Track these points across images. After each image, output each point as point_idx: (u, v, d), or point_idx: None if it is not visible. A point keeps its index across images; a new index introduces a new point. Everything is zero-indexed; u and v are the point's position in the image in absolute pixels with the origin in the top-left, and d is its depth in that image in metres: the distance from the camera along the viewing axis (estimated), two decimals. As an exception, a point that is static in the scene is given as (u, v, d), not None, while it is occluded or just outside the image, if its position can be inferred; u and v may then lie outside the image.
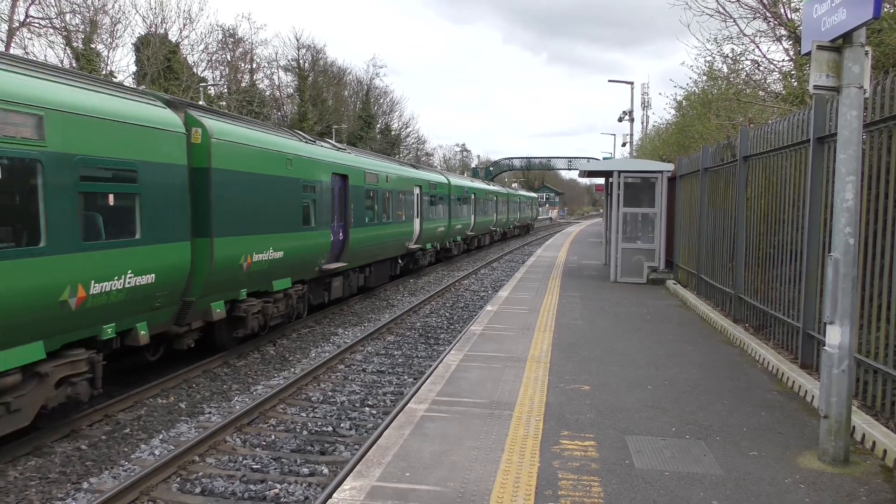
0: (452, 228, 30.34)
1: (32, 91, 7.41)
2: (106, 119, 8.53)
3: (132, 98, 9.54)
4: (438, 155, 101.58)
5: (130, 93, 9.84)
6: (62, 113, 7.74)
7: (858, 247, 5.84)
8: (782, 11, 15.31)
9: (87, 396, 8.43)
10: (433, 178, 27.45)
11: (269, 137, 13.07)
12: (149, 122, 9.45)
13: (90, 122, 8.22)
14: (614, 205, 17.80)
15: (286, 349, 13.25)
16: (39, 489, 6.87)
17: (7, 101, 7.01)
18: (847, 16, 5.13)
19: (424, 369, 11.65)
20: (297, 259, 13.98)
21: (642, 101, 49.42)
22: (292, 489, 6.92)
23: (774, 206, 9.55)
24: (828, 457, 5.46)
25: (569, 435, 6.06)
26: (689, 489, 4.96)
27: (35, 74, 7.74)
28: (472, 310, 18.10)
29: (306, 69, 58.62)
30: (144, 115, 9.43)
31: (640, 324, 11.64)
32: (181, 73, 39.99)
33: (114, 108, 8.81)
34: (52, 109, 7.59)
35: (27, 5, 32.33)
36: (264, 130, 13.30)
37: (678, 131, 27.52)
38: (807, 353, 8.10)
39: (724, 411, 6.81)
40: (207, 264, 10.71)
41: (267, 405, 9.41)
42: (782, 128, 9.25)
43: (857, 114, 5.37)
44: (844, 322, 5.37)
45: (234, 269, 11.51)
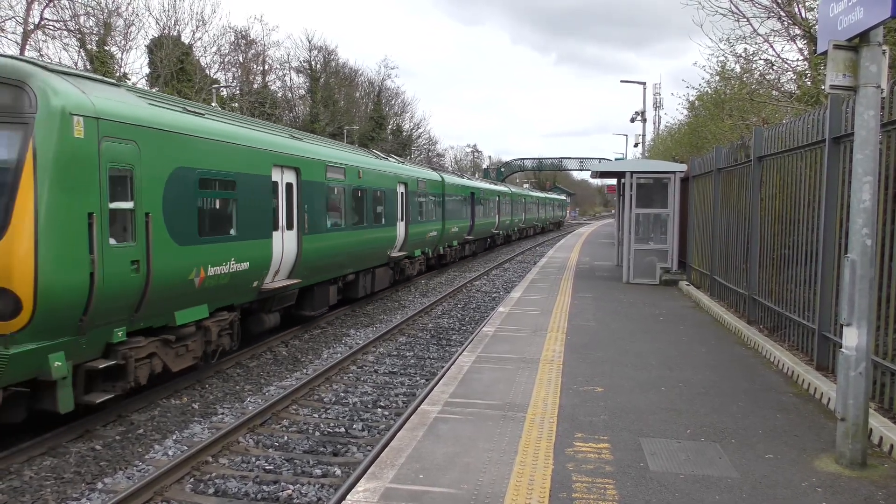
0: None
1: None
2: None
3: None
4: (450, 155, 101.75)
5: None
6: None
7: (876, 247, 5.78)
8: (796, 10, 15.21)
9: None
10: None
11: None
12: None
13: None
14: (626, 205, 17.73)
15: (298, 350, 13.28)
16: (54, 489, 6.91)
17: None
18: (864, 14, 5.08)
19: (437, 370, 11.64)
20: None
21: (654, 102, 49.26)
22: (305, 490, 6.93)
23: (789, 206, 9.48)
24: (845, 460, 5.41)
25: (583, 437, 6.04)
26: (705, 492, 4.93)
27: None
28: (484, 311, 18.08)
29: (318, 70, 58.84)
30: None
31: (653, 325, 11.58)
32: (194, 74, 40.23)
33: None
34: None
35: (42, 8, 32.68)
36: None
37: (691, 131, 27.42)
38: (822, 355, 8.03)
39: (739, 413, 6.76)
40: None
41: (279, 406, 9.43)
42: (797, 128, 9.18)
43: (875, 113, 5.32)
44: (861, 324, 5.32)
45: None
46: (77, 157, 7.73)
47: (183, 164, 9.72)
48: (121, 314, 8.58)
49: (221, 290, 10.82)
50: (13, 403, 7.50)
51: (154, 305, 9.11)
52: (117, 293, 8.34)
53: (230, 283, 10.98)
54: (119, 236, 8.44)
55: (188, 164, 9.85)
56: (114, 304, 8.32)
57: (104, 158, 8.11)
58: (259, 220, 11.88)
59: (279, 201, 12.82)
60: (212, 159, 10.48)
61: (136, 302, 8.73)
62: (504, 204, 42.10)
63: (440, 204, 26.20)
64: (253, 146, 11.82)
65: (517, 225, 48.45)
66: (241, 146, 11.41)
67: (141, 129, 8.82)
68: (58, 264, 7.46)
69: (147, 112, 9.17)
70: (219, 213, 11.07)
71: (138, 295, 8.74)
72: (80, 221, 7.75)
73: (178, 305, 9.77)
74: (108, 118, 8.20)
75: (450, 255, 29.06)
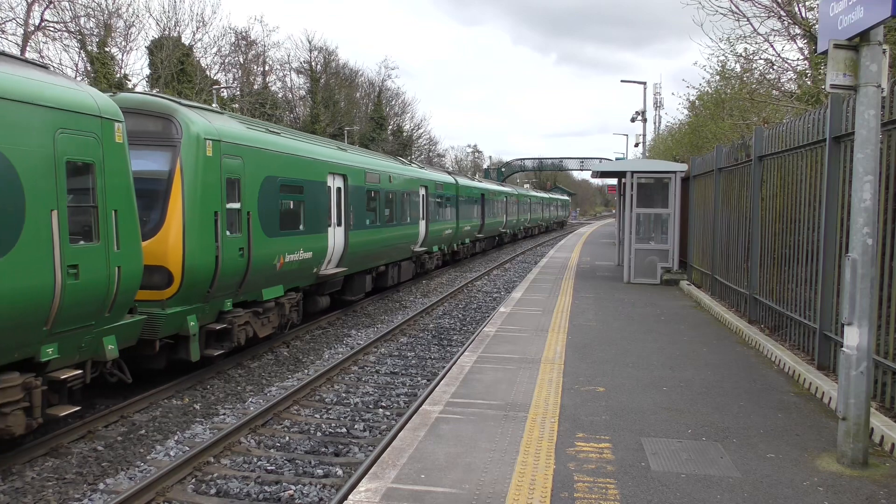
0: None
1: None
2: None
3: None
4: (450, 156, 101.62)
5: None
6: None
7: (876, 247, 5.79)
8: (797, 10, 15.21)
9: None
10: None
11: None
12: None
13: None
14: (627, 205, 17.74)
15: (299, 350, 13.29)
16: (56, 489, 6.92)
17: None
18: (864, 14, 5.08)
19: (438, 371, 11.65)
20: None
21: (655, 102, 49.24)
22: (307, 490, 6.93)
23: (790, 205, 9.48)
24: (846, 459, 5.41)
25: (584, 437, 6.04)
26: (706, 492, 4.93)
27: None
28: (485, 311, 18.08)
29: (318, 71, 58.81)
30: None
31: (655, 325, 11.59)
32: (194, 75, 40.23)
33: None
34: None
35: (42, 9, 32.67)
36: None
37: (691, 131, 27.42)
38: (824, 355, 8.03)
39: (741, 413, 6.76)
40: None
41: (281, 406, 9.44)
42: (797, 127, 9.18)
43: (875, 113, 5.32)
44: (863, 323, 5.32)
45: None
46: (207, 170, 10.34)
47: (270, 174, 12.34)
48: (231, 289, 11.22)
49: (292, 274, 13.37)
50: (159, 354, 9.98)
51: (251, 284, 11.76)
52: (231, 272, 10.98)
53: (299, 268, 13.57)
54: (232, 229, 11.03)
55: (273, 173, 12.46)
56: (228, 280, 10.98)
57: (223, 171, 10.75)
58: (319, 217, 14.51)
59: (332, 203, 15.34)
60: (288, 169, 13.11)
61: (240, 280, 11.35)
62: (511, 204, 44.31)
63: (454, 205, 28.61)
64: (314, 157, 14.46)
65: (523, 224, 50.58)
66: (307, 158, 14.05)
67: (244, 147, 11.51)
68: (197, 249, 10.05)
69: (246, 134, 11.86)
70: (292, 211, 13.49)
71: (242, 274, 11.37)
72: (209, 218, 10.37)
73: (264, 284, 12.34)
74: (225, 140, 10.87)
75: (462, 252, 31.53)
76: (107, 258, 8.09)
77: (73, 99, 7.76)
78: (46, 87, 7.43)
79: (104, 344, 8.30)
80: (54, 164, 7.33)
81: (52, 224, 7.24)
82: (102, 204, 8.06)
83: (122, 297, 8.38)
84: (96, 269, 7.91)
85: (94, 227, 7.97)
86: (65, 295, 7.40)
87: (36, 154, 7.13)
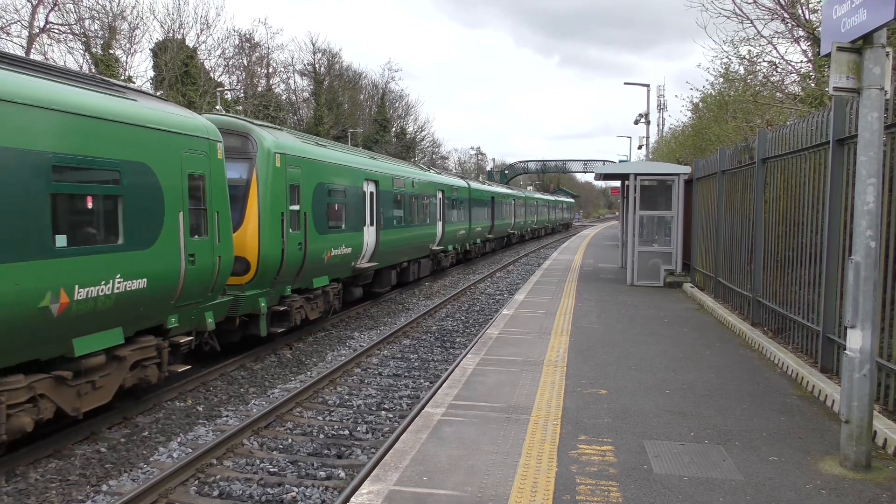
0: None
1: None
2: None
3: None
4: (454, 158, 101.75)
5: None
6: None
7: (880, 249, 5.78)
8: (800, 12, 15.20)
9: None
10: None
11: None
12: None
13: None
14: (630, 208, 17.72)
15: (302, 353, 13.30)
16: (60, 491, 6.93)
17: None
18: (867, 17, 5.08)
19: (441, 373, 11.65)
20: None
21: (658, 104, 49.14)
22: (309, 493, 6.94)
23: (793, 208, 9.47)
24: (849, 462, 5.40)
25: (586, 439, 6.04)
26: (709, 494, 4.93)
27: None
28: (488, 313, 18.08)
29: (322, 73, 58.93)
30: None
31: (658, 327, 11.57)
32: (198, 77, 40.31)
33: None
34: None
35: (47, 12, 32.79)
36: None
37: (694, 133, 27.40)
38: (827, 357, 8.01)
39: (744, 416, 6.75)
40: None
41: (284, 408, 9.45)
42: (801, 130, 9.17)
43: (878, 115, 5.32)
44: (866, 326, 5.31)
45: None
46: (276, 178, 12.52)
47: (320, 181, 14.53)
48: (290, 277, 13.30)
49: (336, 267, 15.58)
50: (237, 329, 12.03)
51: (305, 273, 13.91)
52: (292, 263, 13.07)
53: (341, 262, 15.74)
54: (293, 227, 13.09)
55: (322, 180, 14.64)
56: (290, 270, 13.08)
57: (287, 179, 12.92)
58: (357, 218, 16.73)
59: (366, 205, 17.50)
60: (334, 176, 15.36)
61: (298, 270, 13.43)
62: (518, 207, 46.68)
63: (467, 207, 30.87)
64: (353, 166, 16.80)
65: (530, 226, 53.07)
66: (348, 167, 16.39)
67: (301, 158, 13.66)
68: (268, 243, 12.22)
69: (302, 147, 14.07)
70: (336, 213, 15.59)
71: (300, 265, 13.45)
72: (278, 218, 12.51)
73: (315, 275, 14.50)
74: (288, 153, 13.04)
75: (474, 251, 33.91)
76: (212, 249, 10.25)
77: (192, 125, 9.90)
78: (176, 118, 9.59)
79: (206, 317, 10.45)
80: (181, 177, 9.44)
81: (179, 223, 9.36)
82: (209, 207, 10.19)
83: (220, 279, 10.56)
84: (206, 257, 10.05)
85: (204, 225, 10.08)
86: (186, 277, 9.50)
87: (171, 169, 9.23)
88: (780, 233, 10.08)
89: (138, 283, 8.48)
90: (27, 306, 6.87)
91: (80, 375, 7.84)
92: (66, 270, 7.36)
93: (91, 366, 7.93)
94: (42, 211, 7.06)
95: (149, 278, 8.64)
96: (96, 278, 7.76)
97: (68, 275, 7.37)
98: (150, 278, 8.67)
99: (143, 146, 8.70)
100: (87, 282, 7.62)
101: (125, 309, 8.35)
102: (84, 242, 7.75)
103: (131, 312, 8.55)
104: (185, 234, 9.44)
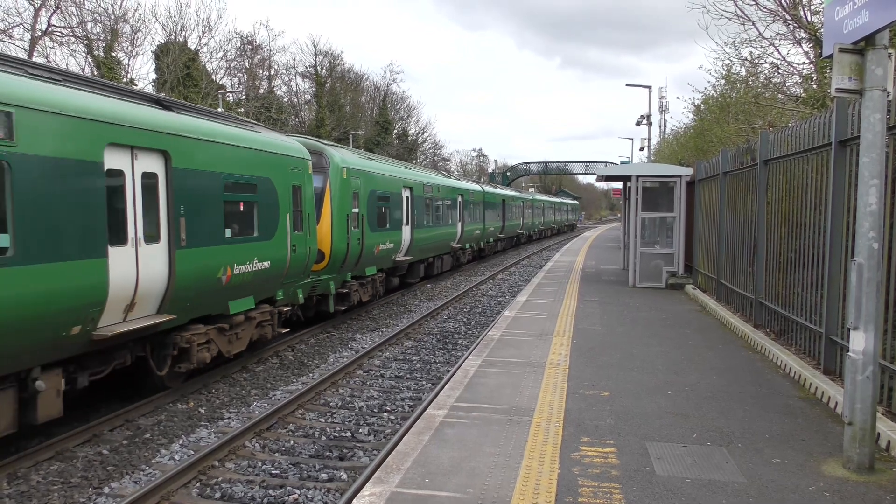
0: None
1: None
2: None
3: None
4: (455, 160, 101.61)
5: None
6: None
7: (882, 251, 5.76)
8: (802, 14, 15.19)
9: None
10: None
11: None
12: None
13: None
14: (632, 209, 17.71)
15: (304, 354, 13.30)
16: (62, 493, 6.93)
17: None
18: (870, 18, 5.07)
19: (443, 375, 11.64)
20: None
21: (660, 105, 49.09)
22: (311, 495, 6.93)
23: (795, 209, 9.45)
24: (852, 464, 5.38)
25: (588, 441, 6.03)
26: (711, 497, 4.91)
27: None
28: (490, 315, 18.07)
29: (324, 75, 58.91)
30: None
31: (660, 329, 11.56)
32: (200, 80, 40.32)
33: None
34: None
35: (49, 15, 32.79)
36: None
37: (696, 135, 27.35)
38: (830, 359, 8.00)
39: (746, 418, 6.74)
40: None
41: (286, 410, 9.44)
42: (803, 131, 9.16)
43: (881, 117, 5.31)
44: (869, 327, 5.30)
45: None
46: (343, 187, 15.89)
47: (373, 188, 17.95)
48: (351, 266, 16.59)
49: (382, 259, 18.94)
50: (312, 306, 15.32)
51: (361, 263, 17.23)
52: (354, 255, 16.45)
53: (385, 255, 19.10)
54: (354, 225, 16.42)
55: (374, 188, 18.07)
56: (352, 260, 16.45)
57: (351, 187, 16.29)
58: (397, 219, 20.14)
59: (403, 208, 20.97)
60: (382, 185, 18.82)
61: (356, 260, 16.76)
62: (527, 209, 50.76)
63: (482, 209, 34.30)
64: (395, 175, 20.40)
65: (538, 226, 56.97)
66: (391, 176, 19.96)
67: (359, 170, 17.13)
68: (338, 238, 15.53)
69: (359, 161, 17.81)
70: (383, 214, 18.92)
71: (358, 256, 16.78)
72: (344, 218, 15.85)
73: (367, 265, 17.82)
74: (351, 167, 16.45)
75: (487, 249, 37.49)
76: (306, 242, 13.40)
77: (294, 148, 13.32)
78: (285, 143, 13.04)
79: (297, 293, 13.70)
80: (289, 187, 12.65)
81: (287, 221, 12.53)
82: (304, 209, 13.31)
83: (309, 265, 13.77)
84: (302, 248, 13.22)
85: (300, 223, 13.18)
86: (291, 262, 12.67)
87: (283, 182, 12.44)
88: (782, 234, 10.06)
89: (264, 265, 11.71)
90: (213, 277, 10.21)
91: (231, 328, 11.03)
92: (231, 253, 10.68)
93: (237, 322, 11.15)
94: (221, 213, 10.42)
95: (270, 261, 11.87)
96: (244, 259, 11.07)
97: (232, 256, 10.68)
98: (271, 262, 11.92)
99: (268, 166, 11.91)
100: (240, 262, 10.94)
101: (256, 283, 11.57)
102: (239, 234, 11.03)
103: (258, 286, 11.74)
104: (290, 230, 12.64)
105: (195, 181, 9.76)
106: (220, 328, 10.64)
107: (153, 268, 8.92)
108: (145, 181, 8.85)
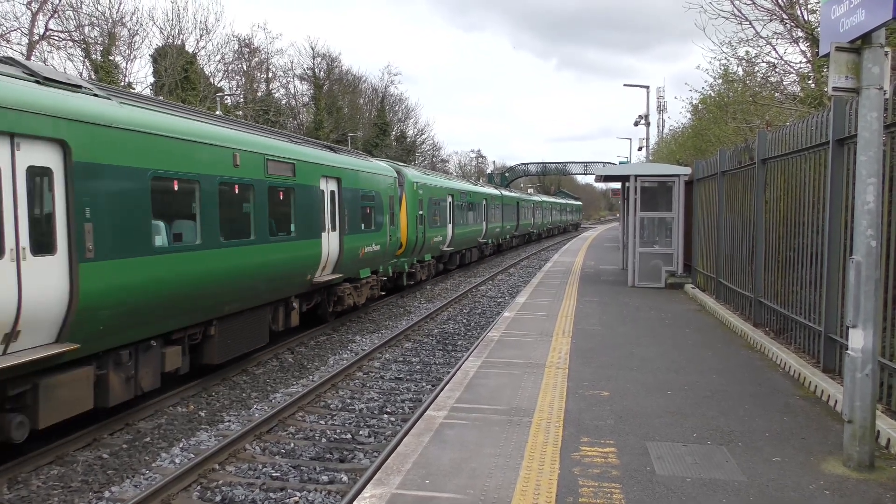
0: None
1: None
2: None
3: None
4: (454, 161, 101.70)
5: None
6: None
7: (880, 249, 5.77)
8: (799, 13, 15.22)
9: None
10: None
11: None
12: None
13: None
14: (631, 209, 17.72)
15: (304, 357, 13.29)
16: (62, 498, 6.93)
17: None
18: (866, 17, 5.08)
19: (443, 376, 11.64)
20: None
21: (658, 105, 49.10)
22: (312, 497, 6.93)
23: (794, 208, 9.46)
24: (852, 462, 5.39)
25: (589, 441, 6.03)
26: (712, 496, 4.92)
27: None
28: (490, 316, 18.08)
29: (322, 78, 58.97)
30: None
31: (659, 328, 11.57)
32: (198, 83, 40.37)
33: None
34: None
35: (47, 19, 32.81)
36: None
37: (694, 135, 27.38)
38: (829, 357, 8.01)
39: (746, 416, 6.74)
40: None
41: (286, 413, 9.44)
42: (801, 130, 9.17)
43: (878, 115, 5.32)
44: (867, 325, 5.30)
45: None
46: (413, 196, 22.50)
47: (430, 196, 24.57)
48: (417, 253, 23.00)
49: (433, 248, 25.07)
50: (392, 281, 21.41)
51: (422, 251, 23.64)
52: (420, 244, 23.07)
53: (436, 245, 25.49)
54: (420, 223, 22.79)
55: (432, 195, 24.73)
56: (418, 248, 22.97)
57: (418, 195, 22.91)
58: (443, 218, 26.53)
59: (448, 210, 27.34)
60: (435, 193, 25.30)
61: (420, 248, 23.26)
62: (537, 209, 57.97)
63: (500, 210, 40.60)
64: (443, 185, 27.09)
65: (546, 226, 63.85)
66: (440, 186, 26.65)
67: (423, 184, 23.81)
68: (410, 232, 22.03)
69: (422, 176, 25.03)
70: (437, 215, 25.39)
71: (422, 246, 23.28)
72: (414, 218, 22.43)
73: (426, 252, 24.15)
74: (417, 181, 23.13)
75: (504, 244, 43.60)
76: (396, 233, 19.76)
77: (389, 169, 19.89)
78: (384, 166, 19.72)
79: (388, 269, 19.72)
80: (387, 197, 18.82)
81: (387, 219, 18.67)
82: (394, 211, 19.44)
83: (395, 249, 19.98)
84: (394, 237, 19.49)
85: (393, 221, 19.20)
86: (388, 246, 18.95)
87: (385, 193, 18.69)
88: (780, 233, 10.07)
89: (376, 248, 17.72)
90: (356, 254, 16.22)
91: (359, 288, 16.90)
92: (364, 239, 16.71)
93: (361, 283, 16.97)
94: (360, 213, 16.54)
95: (379, 246, 17.90)
96: (369, 243, 17.10)
97: (364, 241, 16.70)
98: (380, 246, 17.99)
99: (377, 183, 18.16)
100: (367, 245, 16.95)
101: (372, 259, 17.53)
102: (366, 227, 16.94)
103: (372, 261, 17.59)
104: (388, 225, 18.66)
105: (352, 194, 16.07)
106: (355, 286, 16.58)
107: (333, 246, 15.15)
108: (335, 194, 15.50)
